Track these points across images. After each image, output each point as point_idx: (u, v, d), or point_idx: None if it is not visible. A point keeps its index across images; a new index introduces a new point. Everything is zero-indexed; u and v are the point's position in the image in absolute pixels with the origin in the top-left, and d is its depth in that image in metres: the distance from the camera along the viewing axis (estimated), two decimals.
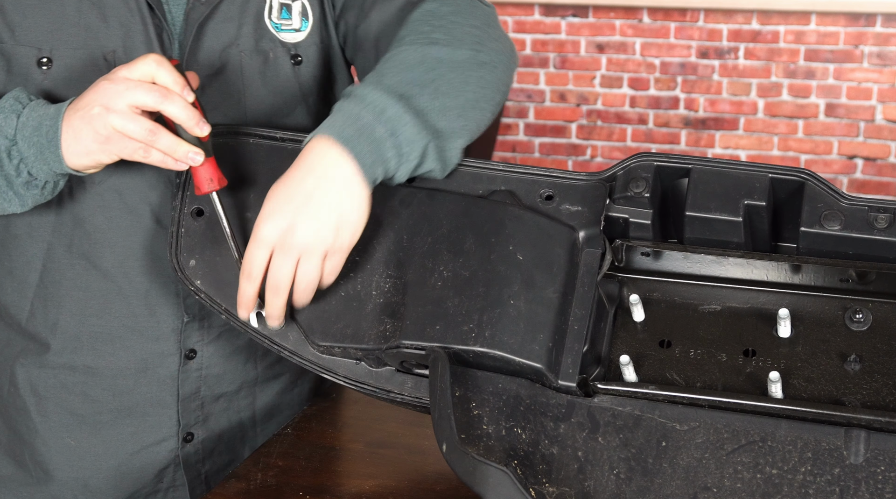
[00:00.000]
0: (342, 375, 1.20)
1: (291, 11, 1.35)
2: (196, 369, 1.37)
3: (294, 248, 1.10)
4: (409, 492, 1.25)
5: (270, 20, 1.34)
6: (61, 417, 1.36)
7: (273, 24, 1.34)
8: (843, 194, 1.13)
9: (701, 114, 4.79)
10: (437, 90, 1.17)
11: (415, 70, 1.18)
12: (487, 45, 1.25)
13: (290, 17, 1.35)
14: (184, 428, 1.39)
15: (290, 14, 1.35)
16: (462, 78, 1.20)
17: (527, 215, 1.17)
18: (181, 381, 1.37)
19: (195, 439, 1.40)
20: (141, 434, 1.38)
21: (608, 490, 1.06)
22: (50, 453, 1.37)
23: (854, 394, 1.08)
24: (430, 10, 1.28)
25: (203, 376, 1.38)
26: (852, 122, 4.64)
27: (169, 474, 1.40)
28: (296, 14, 1.35)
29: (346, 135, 1.12)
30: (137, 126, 1.12)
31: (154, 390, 1.36)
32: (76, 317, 1.34)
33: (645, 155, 1.18)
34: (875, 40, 4.52)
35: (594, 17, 4.79)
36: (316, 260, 1.11)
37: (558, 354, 1.11)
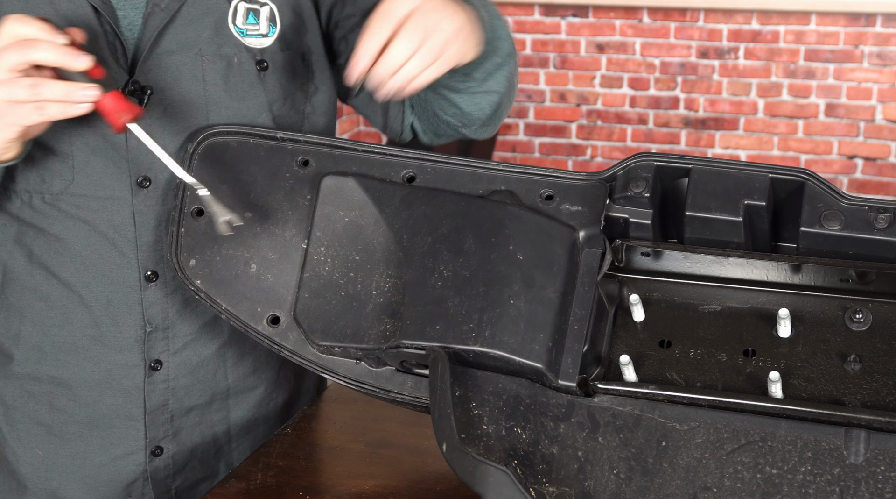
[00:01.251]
0: (342, 374, 1.20)
1: (259, 16, 1.32)
2: (162, 381, 1.34)
3: (421, 26, 1.15)
4: (409, 492, 1.25)
5: (235, 25, 1.31)
6: (29, 427, 1.35)
7: (237, 30, 1.31)
8: (843, 194, 1.13)
9: (701, 114, 4.79)
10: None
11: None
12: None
13: (258, 23, 1.32)
14: (151, 441, 1.35)
15: (257, 19, 1.32)
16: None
17: (527, 215, 1.17)
18: (147, 393, 1.34)
19: (165, 454, 1.37)
20: (108, 447, 1.35)
21: (608, 490, 1.06)
22: (19, 463, 1.36)
23: (854, 394, 1.08)
24: None
25: (170, 387, 1.35)
26: (852, 122, 4.64)
27: (137, 489, 1.37)
28: (263, 19, 1.32)
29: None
30: (16, 87, 1.09)
31: (120, 401, 1.34)
32: (38, 327, 1.32)
33: (645, 155, 1.18)
34: (875, 40, 4.52)
35: (594, 17, 4.79)
36: (438, 51, 1.16)
37: (558, 354, 1.11)
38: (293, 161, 1.26)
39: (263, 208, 1.24)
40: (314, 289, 1.20)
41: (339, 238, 1.21)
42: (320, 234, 1.22)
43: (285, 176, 1.25)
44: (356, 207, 1.22)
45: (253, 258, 1.23)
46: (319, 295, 1.19)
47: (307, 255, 1.21)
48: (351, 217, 1.22)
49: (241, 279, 1.23)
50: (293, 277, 1.22)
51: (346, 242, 1.21)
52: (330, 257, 1.21)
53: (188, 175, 1.20)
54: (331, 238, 1.22)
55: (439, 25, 1.17)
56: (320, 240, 1.21)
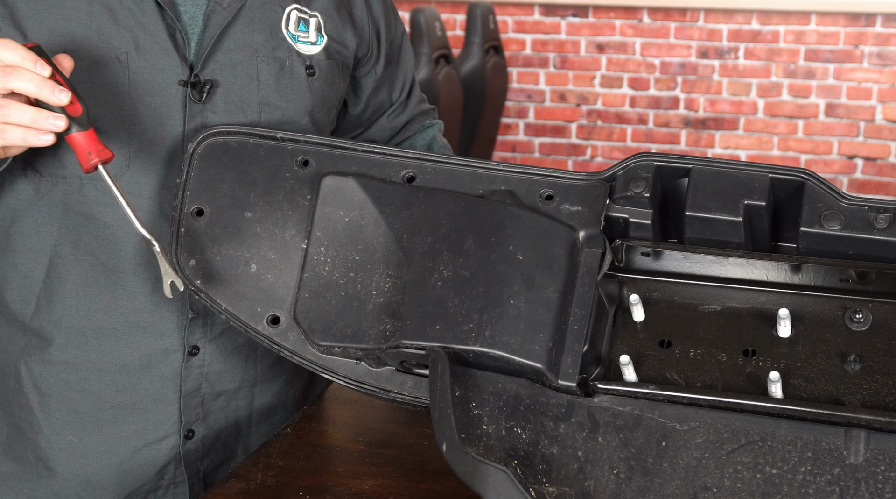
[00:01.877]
0: (342, 374, 1.20)
1: (309, 25, 1.40)
2: (198, 366, 1.37)
3: None
4: (409, 492, 1.25)
5: (287, 31, 1.38)
6: (64, 414, 1.36)
7: (290, 35, 1.38)
8: (843, 194, 1.13)
9: (701, 114, 4.79)
10: None
11: None
12: None
13: (308, 31, 1.40)
14: (185, 425, 1.39)
15: (307, 28, 1.40)
16: None
17: (527, 215, 1.17)
18: (184, 377, 1.37)
19: (195, 436, 1.40)
20: (143, 432, 1.38)
21: (608, 490, 1.06)
22: (52, 449, 1.37)
23: (854, 394, 1.08)
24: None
25: (205, 373, 1.38)
26: (852, 122, 4.64)
27: (170, 471, 1.40)
28: (312, 29, 1.40)
29: None
30: None
31: (157, 386, 1.36)
32: (81, 312, 1.34)
33: (645, 155, 1.18)
34: (875, 40, 4.52)
35: (594, 17, 4.79)
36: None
37: (558, 354, 1.11)
38: (293, 161, 1.26)
39: (263, 208, 1.24)
40: (314, 289, 1.20)
41: (338, 238, 1.21)
42: (320, 234, 1.22)
43: (285, 176, 1.25)
44: (356, 207, 1.22)
45: (253, 258, 1.23)
46: (319, 295, 1.19)
47: (307, 255, 1.21)
48: (351, 217, 1.22)
49: (241, 279, 1.23)
50: (293, 277, 1.22)
51: (346, 242, 1.21)
52: (330, 257, 1.21)
53: (144, 230, 1.19)
54: (331, 238, 1.22)
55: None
56: (320, 240, 1.21)
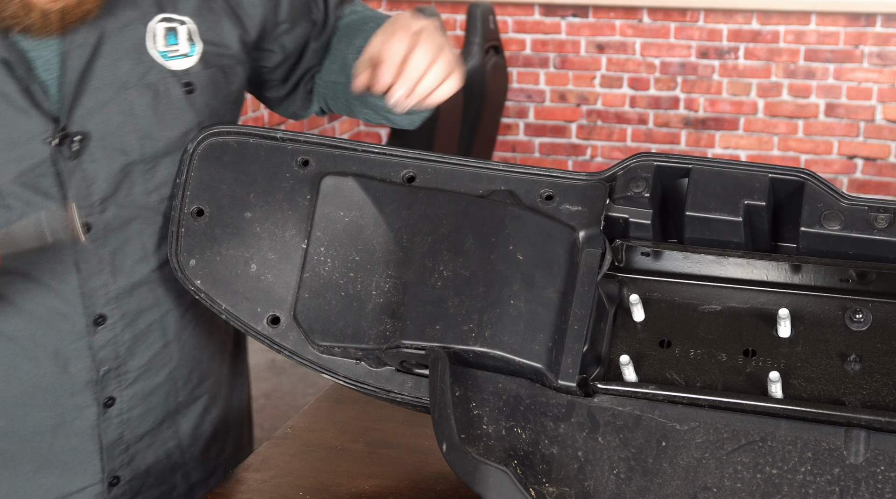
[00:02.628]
0: (342, 374, 1.20)
1: (178, 35, 1.27)
2: (116, 415, 1.30)
3: (434, 43, 1.22)
4: (409, 492, 1.25)
5: (155, 49, 1.25)
6: None
7: (159, 53, 1.26)
8: (843, 194, 1.13)
9: (701, 114, 4.79)
10: None
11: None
12: None
13: (178, 42, 1.27)
14: (109, 473, 1.32)
15: (177, 39, 1.27)
16: None
17: (527, 215, 1.17)
18: (102, 430, 1.30)
19: (122, 482, 1.33)
20: (63, 484, 1.30)
21: (608, 490, 1.06)
22: None
23: (854, 394, 1.08)
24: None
25: (124, 420, 1.31)
26: (852, 122, 4.64)
27: None
28: (183, 39, 1.27)
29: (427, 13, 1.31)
30: None
31: (74, 442, 1.29)
32: None
33: (645, 155, 1.18)
34: (875, 40, 4.52)
35: (594, 17, 4.79)
36: (447, 67, 1.23)
37: (558, 354, 1.11)
38: (293, 161, 1.26)
39: (263, 208, 1.24)
40: (314, 289, 1.20)
41: (339, 238, 1.21)
42: (320, 234, 1.22)
43: (285, 176, 1.25)
44: (356, 207, 1.22)
45: (253, 258, 1.23)
46: (319, 295, 1.19)
47: (307, 255, 1.21)
48: (351, 217, 1.22)
49: (241, 279, 1.23)
50: (293, 277, 1.22)
51: (346, 242, 1.21)
52: (330, 257, 1.21)
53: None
54: (331, 238, 1.22)
55: (446, 45, 1.24)
56: (320, 240, 1.21)
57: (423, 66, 1.21)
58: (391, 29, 1.24)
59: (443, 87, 1.24)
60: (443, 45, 1.24)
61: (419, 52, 1.22)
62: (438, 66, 1.22)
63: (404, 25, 1.24)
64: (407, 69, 1.21)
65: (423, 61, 1.21)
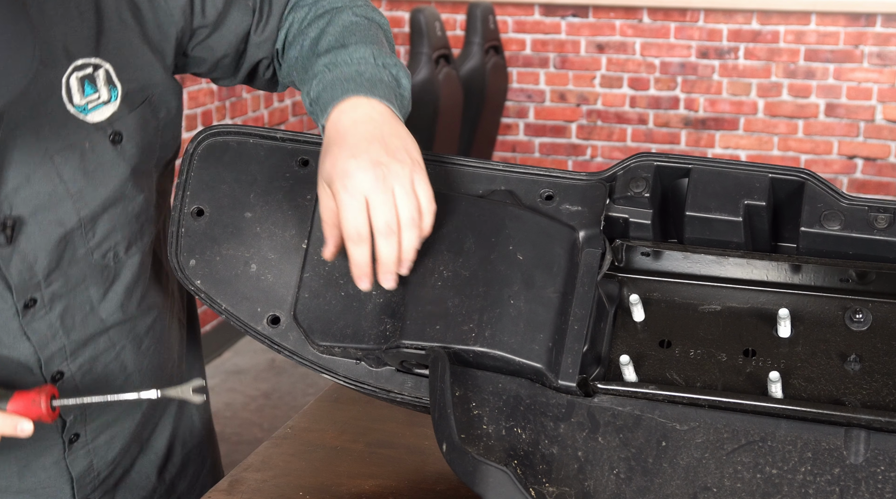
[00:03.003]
0: (342, 374, 1.20)
1: (97, 82, 1.15)
2: (82, 446, 1.28)
3: (388, 183, 1.06)
4: (409, 492, 1.25)
5: (73, 105, 1.14)
6: None
7: (77, 109, 1.15)
8: (843, 194, 1.13)
9: (701, 114, 4.79)
10: (365, 34, 1.22)
11: (348, 32, 1.22)
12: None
13: (96, 90, 1.15)
14: (81, 497, 1.30)
15: (95, 86, 1.15)
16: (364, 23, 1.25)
17: (527, 215, 1.17)
18: (70, 463, 1.28)
19: None
20: None
21: (608, 490, 1.06)
22: None
23: (854, 394, 1.08)
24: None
25: (91, 449, 1.29)
26: (852, 122, 4.64)
27: None
28: (101, 84, 1.16)
29: (363, 90, 1.13)
30: None
31: (42, 477, 1.26)
32: None
33: (645, 155, 1.18)
34: (875, 40, 4.52)
35: (594, 17, 4.79)
36: (409, 186, 1.08)
37: (558, 354, 1.11)
38: (293, 161, 1.26)
39: (263, 208, 1.24)
40: (314, 289, 1.20)
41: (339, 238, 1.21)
42: (320, 234, 1.21)
43: (285, 176, 1.25)
44: None
45: (253, 258, 1.23)
46: (319, 295, 1.19)
47: (307, 255, 1.21)
48: None
49: (241, 279, 1.23)
50: (293, 278, 1.22)
51: None
52: None
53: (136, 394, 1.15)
54: None
55: (394, 171, 1.08)
56: (320, 240, 1.21)
57: (392, 247, 1.08)
58: (340, 179, 1.07)
59: (422, 226, 1.10)
60: (393, 178, 1.07)
61: (380, 235, 1.07)
62: (407, 224, 1.08)
63: (345, 203, 1.07)
64: (379, 255, 1.09)
65: (389, 244, 1.07)
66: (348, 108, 1.12)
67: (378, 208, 1.07)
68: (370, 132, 1.10)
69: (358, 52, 1.17)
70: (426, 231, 1.11)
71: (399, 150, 1.10)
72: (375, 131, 1.10)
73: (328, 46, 1.20)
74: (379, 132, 1.10)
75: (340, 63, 1.16)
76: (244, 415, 3.75)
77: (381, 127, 1.11)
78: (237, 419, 3.72)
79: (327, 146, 1.11)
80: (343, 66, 1.16)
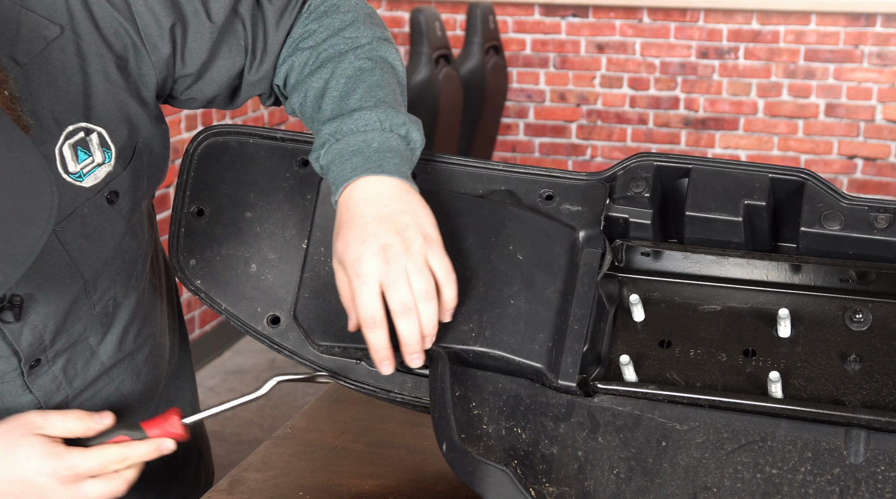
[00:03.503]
0: (342, 375, 1.20)
1: (90, 146, 1.12)
2: None
3: (401, 265, 1.05)
4: (409, 492, 1.25)
5: (68, 174, 1.11)
6: None
7: (73, 177, 1.12)
8: (843, 194, 1.13)
9: (701, 114, 4.78)
10: (371, 88, 1.16)
11: (351, 84, 1.17)
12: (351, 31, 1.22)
13: (90, 154, 1.13)
14: None
15: (89, 151, 1.12)
16: (379, 73, 1.19)
17: (527, 215, 1.17)
18: None
19: None
20: None
21: (608, 490, 1.06)
22: None
23: (854, 394, 1.08)
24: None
25: None
26: (852, 122, 4.64)
27: None
28: (95, 149, 1.13)
29: (372, 166, 1.10)
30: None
31: None
32: None
33: (645, 155, 1.18)
34: (875, 40, 4.52)
35: (594, 17, 4.79)
36: (422, 262, 1.06)
37: (558, 354, 1.11)
38: (293, 161, 1.26)
39: (263, 208, 1.24)
40: (314, 289, 1.20)
41: None
42: (320, 234, 1.21)
43: (285, 176, 1.25)
44: None
45: (253, 258, 1.23)
46: (319, 295, 1.19)
47: (307, 255, 1.21)
48: None
49: (241, 279, 1.23)
50: (293, 278, 1.22)
51: None
52: (330, 257, 1.21)
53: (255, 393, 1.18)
54: (331, 238, 1.21)
55: (404, 250, 1.06)
56: (320, 240, 1.21)
57: (413, 322, 1.06)
58: (352, 266, 1.06)
59: (445, 301, 1.08)
60: (406, 253, 1.05)
61: (399, 316, 1.05)
62: (424, 299, 1.06)
63: (360, 291, 1.05)
64: (400, 336, 1.07)
65: (408, 318, 1.06)
66: (357, 187, 1.09)
67: (392, 290, 1.05)
68: (379, 212, 1.08)
69: (363, 119, 1.12)
70: (450, 302, 1.09)
71: (409, 227, 1.07)
72: (385, 210, 1.08)
73: (332, 112, 1.15)
74: (388, 210, 1.08)
75: (347, 132, 1.12)
76: (244, 415, 3.75)
77: (390, 203, 1.08)
78: (237, 419, 3.72)
79: (339, 226, 1.10)
80: (349, 136, 1.12)
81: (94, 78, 1.12)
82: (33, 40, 1.08)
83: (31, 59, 1.07)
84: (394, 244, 1.06)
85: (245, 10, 1.21)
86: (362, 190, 1.09)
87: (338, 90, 1.16)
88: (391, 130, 1.13)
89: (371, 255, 1.06)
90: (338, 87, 1.16)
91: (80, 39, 1.11)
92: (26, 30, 1.07)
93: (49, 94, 1.09)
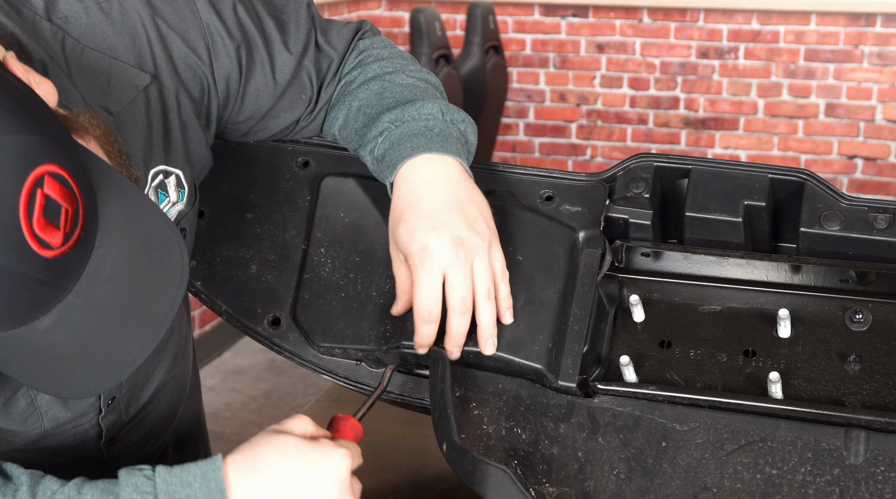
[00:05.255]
0: (342, 375, 1.20)
1: (168, 188, 1.13)
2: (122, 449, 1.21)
3: (468, 260, 1.03)
4: (409, 492, 1.25)
5: None
6: None
7: None
8: (842, 195, 1.13)
9: (701, 114, 4.79)
10: (426, 93, 1.17)
11: (401, 90, 1.17)
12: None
13: (167, 195, 1.13)
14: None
15: (167, 193, 1.13)
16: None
17: (527, 216, 1.17)
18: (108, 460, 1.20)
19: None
20: None
21: (608, 490, 1.06)
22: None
23: (854, 394, 1.08)
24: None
25: (124, 449, 1.22)
26: (852, 122, 4.64)
27: None
28: (172, 189, 1.13)
29: (435, 146, 1.08)
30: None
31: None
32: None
33: (645, 155, 1.19)
34: (875, 40, 4.52)
35: (594, 17, 4.79)
36: (487, 260, 1.04)
37: (558, 355, 1.11)
38: (293, 162, 1.26)
39: (263, 209, 1.24)
40: (314, 290, 1.20)
41: (338, 239, 1.22)
42: (320, 235, 1.22)
43: (285, 177, 1.25)
44: (356, 208, 1.22)
45: (253, 259, 1.23)
46: (319, 296, 1.19)
47: (307, 256, 1.21)
48: (351, 218, 1.22)
49: (241, 280, 1.23)
50: (293, 279, 1.22)
51: (346, 243, 1.21)
52: (330, 258, 1.21)
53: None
54: (331, 239, 1.22)
55: (474, 246, 1.04)
56: (320, 241, 1.21)
57: (466, 321, 1.05)
58: (418, 255, 1.03)
59: (502, 302, 1.07)
60: (470, 254, 1.03)
61: (456, 300, 1.04)
62: (483, 298, 1.04)
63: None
64: (450, 329, 1.06)
65: (464, 316, 1.04)
66: (421, 165, 1.07)
67: (456, 287, 1.04)
68: (448, 199, 1.05)
69: (426, 108, 1.12)
70: (504, 302, 1.08)
71: (478, 220, 1.05)
72: (453, 197, 1.05)
73: (393, 102, 1.15)
74: (457, 198, 1.05)
75: (408, 119, 1.11)
76: (244, 415, 3.75)
77: (457, 191, 1.06)
78: (237, 419, 3.72)
79: (401, 210, 1.06)
80: (411, 122, 1.10)
81: (172, 122, 1.12)
82: (125, 89, 1.07)
83: (123, 107, 1.07)
84: (465, 237, 1.03)
85: (310, 63, 1.21)
86: (426, 171, 1.06)
87: (395, 93, 1.15)
88: (452, 123, 1.12)
89: (441, 244, 1.03)
90: (395, 91, 1.16)
91: (161, 86, 1.10)
92: (117, 80, 1.07)
93: (139, 141, 1.09)
